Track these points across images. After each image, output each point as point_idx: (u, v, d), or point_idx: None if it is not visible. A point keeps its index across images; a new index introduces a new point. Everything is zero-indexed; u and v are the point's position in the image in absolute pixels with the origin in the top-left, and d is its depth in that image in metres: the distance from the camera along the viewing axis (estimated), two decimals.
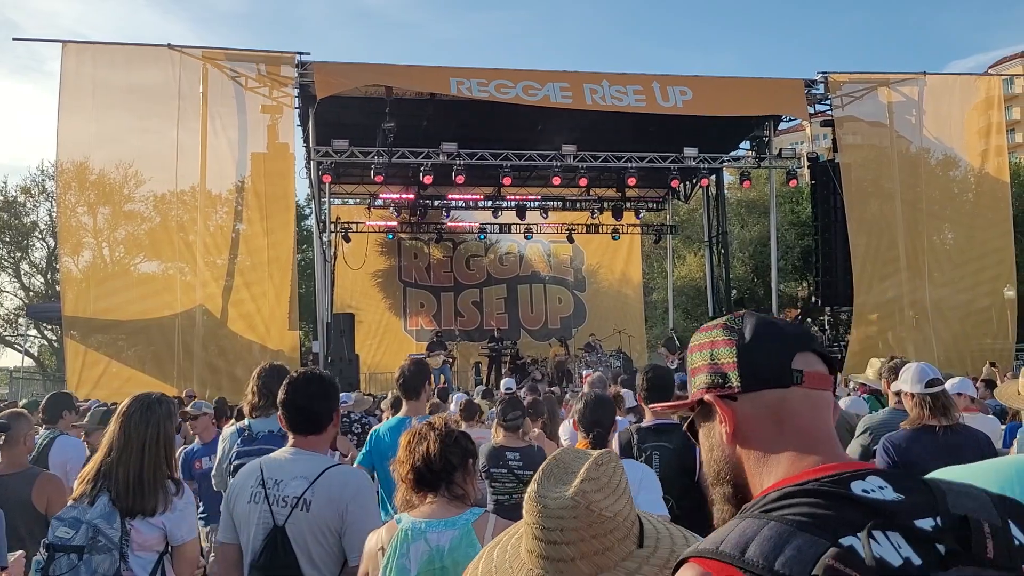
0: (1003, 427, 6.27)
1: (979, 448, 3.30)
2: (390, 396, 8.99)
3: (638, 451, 3.92)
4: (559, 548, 1.25)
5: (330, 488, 2.70)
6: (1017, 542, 0.94)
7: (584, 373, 14.04)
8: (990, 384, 9.49)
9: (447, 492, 2.46)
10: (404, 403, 4.50)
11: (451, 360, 18.96)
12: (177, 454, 4.72)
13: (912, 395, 3.64)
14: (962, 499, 0.97)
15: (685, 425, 1.25)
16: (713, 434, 1.15)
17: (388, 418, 7.90)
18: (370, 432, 4.57)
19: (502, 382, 10.47)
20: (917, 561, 0.88)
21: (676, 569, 1.00)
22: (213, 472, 4.48)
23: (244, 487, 2.82)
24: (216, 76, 16.17)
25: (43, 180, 36.52)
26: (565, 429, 6.83)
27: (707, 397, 1.14)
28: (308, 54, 16.34)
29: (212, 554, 5.71)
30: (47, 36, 32.51)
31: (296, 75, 16.26)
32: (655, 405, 1.26)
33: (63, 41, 15.84)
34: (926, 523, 0.93)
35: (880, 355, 16.20)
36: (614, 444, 4.00)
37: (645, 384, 3.99)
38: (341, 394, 3.84)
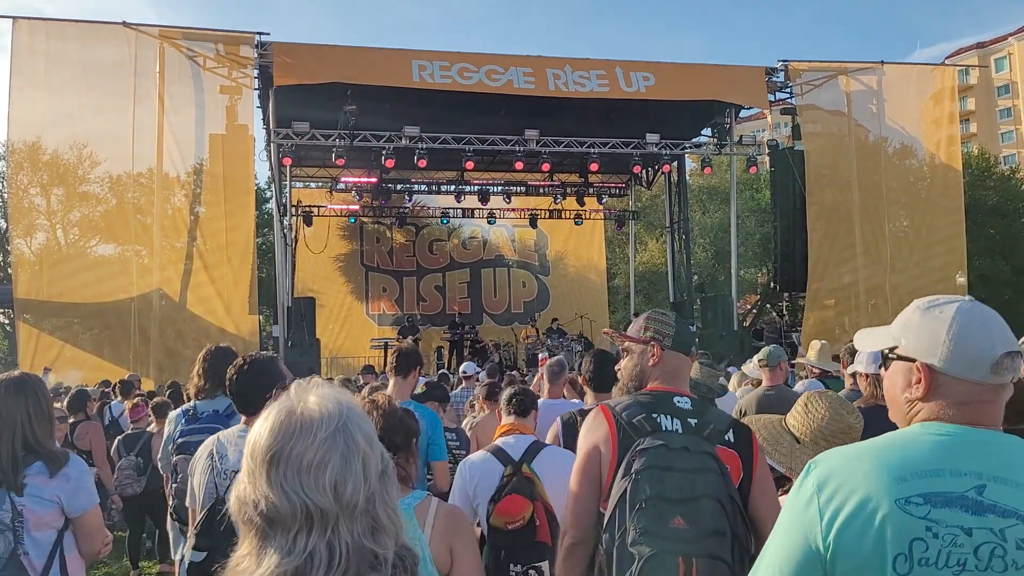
0: None
1: None
2: (336, 381, 9.00)
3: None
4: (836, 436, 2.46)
5: None
6: (709, 429, 2.25)
7: (541, 357, 14.07)
8: None
9: None
10: (391, 380, 4.65)
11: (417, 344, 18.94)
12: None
13: (867, 376, 3.74)
14: (713, 418, 2.28)
15: (621, 347, 2.56)
16: (643, 358, 2.45)
17: None
18: None
19: (462, 366, 10.47)
20: (679, 431, 2.19)
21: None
22: (159, 455, 4.45)
23: (201, 459, 3.07)
24: (173, 55, 15.86)
25: None
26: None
27: (652, 342, 2.44)
28: (268, 34, 16.15)
29: None
30: None
31: (256, 56, 16.03)
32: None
33: (13, 17, 15.41)
34: (692, 421, 2.23)
35: (835, 339, 16.57)
36: (556, 425, 4.03)
37: (591, 368, 4.02)
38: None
